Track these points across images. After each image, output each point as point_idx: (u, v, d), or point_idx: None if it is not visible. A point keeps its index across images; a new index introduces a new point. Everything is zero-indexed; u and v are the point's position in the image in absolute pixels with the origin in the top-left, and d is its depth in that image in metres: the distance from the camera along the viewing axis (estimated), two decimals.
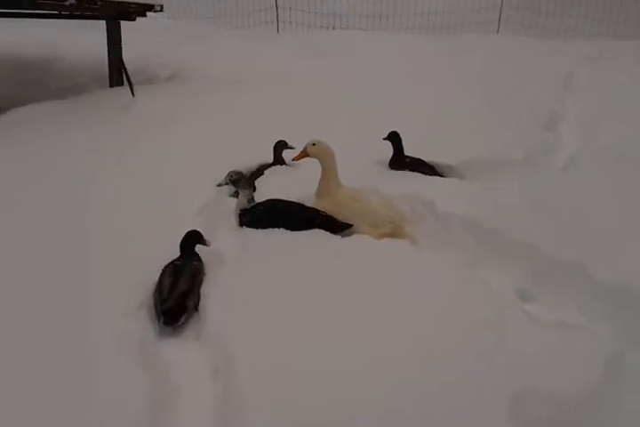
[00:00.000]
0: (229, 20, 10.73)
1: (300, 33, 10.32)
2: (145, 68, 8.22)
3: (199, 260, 3.16)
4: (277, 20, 10.60)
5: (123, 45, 7.26)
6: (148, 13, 7.12)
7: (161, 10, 7.20)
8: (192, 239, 3.18)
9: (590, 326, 2.74)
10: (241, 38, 9.85)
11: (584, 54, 7.42)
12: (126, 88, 6.80)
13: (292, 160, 3.89)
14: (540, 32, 8.82)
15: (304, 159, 3.79)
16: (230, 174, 3.64)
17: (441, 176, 4.26)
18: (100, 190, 3.95)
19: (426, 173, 4.23)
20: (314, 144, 3.73)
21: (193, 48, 9.16)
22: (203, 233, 3.26)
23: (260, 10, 10.53)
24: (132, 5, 6.66)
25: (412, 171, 4.26)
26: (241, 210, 3.69)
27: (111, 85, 7.41)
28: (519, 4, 9.57)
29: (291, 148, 4.45)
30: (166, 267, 3.02)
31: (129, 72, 7.30)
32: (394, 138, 4.39)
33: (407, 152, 4.39)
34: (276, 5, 10.36)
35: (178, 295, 2.80)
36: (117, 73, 7.42)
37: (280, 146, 4.52)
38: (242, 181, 3.64)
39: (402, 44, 8.51)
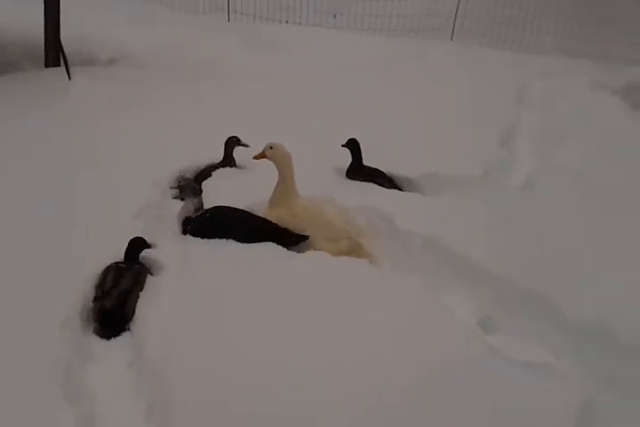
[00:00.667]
0: (176, 2, 10.17)
1: (251, 24, 9.92)
2: (83, 48, 7.64)
3: (142, 265, 2.96)
4: (228, 9, 10.14)
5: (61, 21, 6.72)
6: None
7: None
8: (138, 246, 2.96)
9: (558, 363, 2.60)
10: (188, 24, 9.37)
11: (537, 69, 7.41)
12: (63, 69, 6.29)
13: (253, 158, 3.51)
14: (494, 42, 8.75)
15: (261, 160, 3.49)
16: (179, 180, 3.32)
17: (399, 189, 4.06)
18: (22, 185, 3.55)
19: (383, 185, 4.02)
20: (271, 147, 3.45)
21: (136, 31, 8.61)
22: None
23: None
24: None
25: (369, 182, 4.04)
26: (185, 217, 3.38)
27: (47, 65, 6.86)
28: (474, 12, 9.50)
29: (244, 145, 4.03)
30: (108, 268, 2.83)
31: (66, 52, 6.78)
32: (353, 145, 4.14)
33: (365, 161, 4.16)
34: None
35: (118, 295, 2.67)
36: (54, 52, 6.86)
37: (231, 142, 4.05)
38: (189, 188, 3.33)
39: (357, 45, 8.27)
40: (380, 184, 4.04)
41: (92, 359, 2.44)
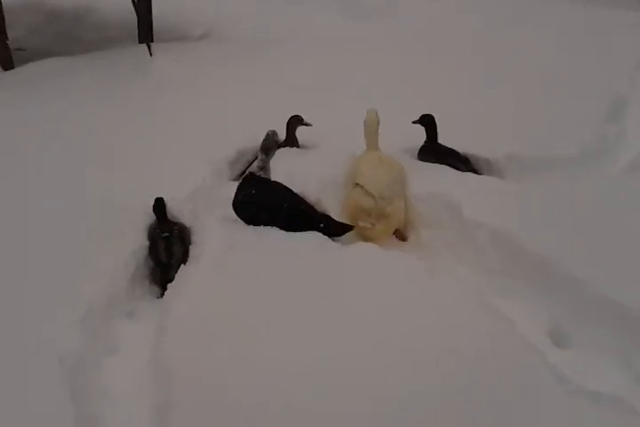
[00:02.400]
0: None
1: None
2: (176, 23, 7.68)
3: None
4: None
5: None
6: None
7: None
8: (163, 206, 3.11)
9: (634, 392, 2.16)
10: None
11: None
12: (153, 45, 6.32)
13: None
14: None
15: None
16: (269, 133, 3.09)
17: (476, 172, 3.62)
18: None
19: (458, 168, 3.59)
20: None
21: (231, 2, 8.49)
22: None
23: None
24: None
25: (444, 163, 3.63)
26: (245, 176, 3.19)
27: (140, 42, 6.93)
28: None
29: (307, 124, 3.78)
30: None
31: (159, 28, 6.83)
32: (427, 122, 3.73)
33: (440, 140, 3.74)
34: None
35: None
36: (145, 28, 6.92)
37: (294, 122, 3.81)
38: (271, 149, 3.09)
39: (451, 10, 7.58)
40: (454, 167, 3.62)
41: (110, 353, 2.35)
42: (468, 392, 2.08)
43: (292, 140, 3.85)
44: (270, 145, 3.08)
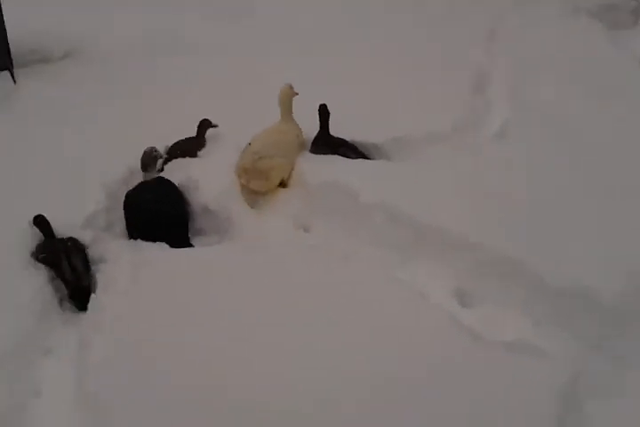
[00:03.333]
0: None
1: None
2: (37, 46, 7.32)
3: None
4: None
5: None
6: None
7: None
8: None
9: (540, 335, 2.40)
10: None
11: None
12: (15, 70, 6.01)
13: None
14: None
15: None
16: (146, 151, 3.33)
17: (366, 158, 3.79)
18: None
19: (348, 156, 3.74)
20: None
21: (92, 19, 8.20)
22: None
23: None
24: None
25: (335, 153, 3.76)
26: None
27: None
28: None
29: (214, 126, 3.91)
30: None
31: (17, 52, 6.48)
32: (322, 112, 3.79)
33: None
34: None
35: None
36: (4, 53, 6.57)
37: (205, 125, 3.91)
38: (149, 165, 3.34)
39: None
40: (345, 155, 3.77)
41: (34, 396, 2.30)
42: (393, 367, 2.23)
43: (202, 142, 3.92)
44: (148, 162, 3.32)
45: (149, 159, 3.32)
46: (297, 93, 3.65)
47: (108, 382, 2.25)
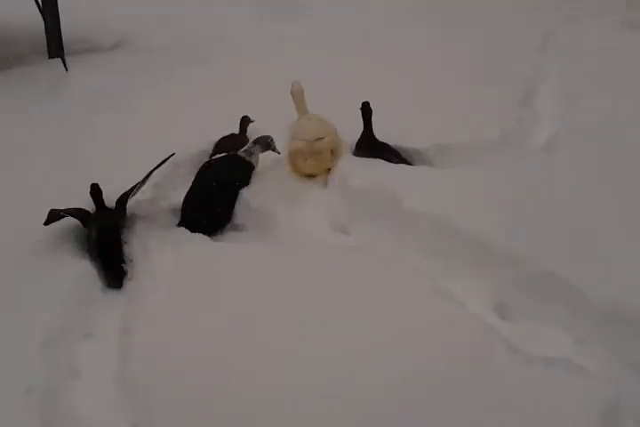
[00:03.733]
0: None
1: None
2: (87, 34, 7.48)
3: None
4: None
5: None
6: None
7: None
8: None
9: (581, 353, 2.36)
10: None
11: (564, 11, 6.86)
12: (67, 58, 6.15)
13: None
14: None
15: None
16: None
17: (408, 163, 3.78)
18: None
19: (390, 160, 3.73)
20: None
21: (141, 8, 8.34)
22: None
23: None
24: None
25: (376, 157, 3.76)
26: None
27: (50, 56, 6.72)
28: None
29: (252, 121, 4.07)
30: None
31: (69, 40, 6.64)
32: (365, 110, 3.78)
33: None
34: None
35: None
36: (55, 42, 6.72)
37: (245, 121, 4.03)
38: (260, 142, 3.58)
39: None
40: (387, 159, 3.76)
41: (75, 378, 2.34)
42: (431, 376, 2.21)
43: (246, 139, 3.96)
44: (263, 141, 3.57)
45: (264, 141, 3.59)
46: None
47: (148, 365, 2.28)
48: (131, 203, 3.29)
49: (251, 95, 4.61)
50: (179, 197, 3.47)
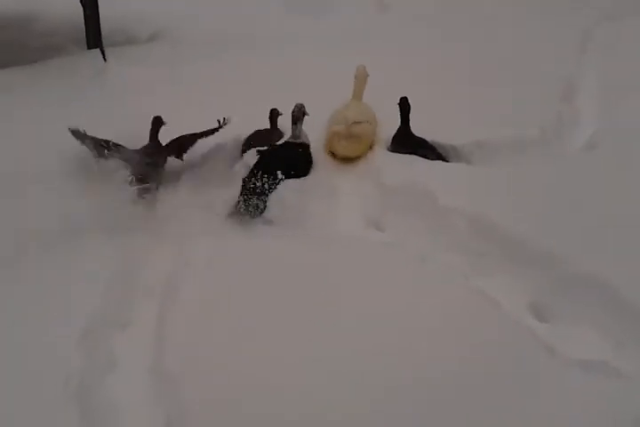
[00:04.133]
0: None
1: None
2: (125, 26, 7.55)
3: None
4: None
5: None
6: None
7: None
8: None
9: (617, 357, 2.32)
10: None
11: (603, 10, 6.70)
12: (105, 49, 6.23)
13: None
14: None
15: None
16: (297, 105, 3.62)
17: (444, 160, 3.74)
18: None
19: (426, 157, 3.70)
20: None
21: (180, 3, 8.39)
22: None
23: None
24: None
25: (412, 153, 3.73)
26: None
27: (89, 47, 6.81)
28: None
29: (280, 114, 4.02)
30: None
31: (107, 32, 6.71)
32: (403, 106, 3.79)
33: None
34: None
35: None
36: (93, 33, 6.80)
37: (275, 114, 4.01)
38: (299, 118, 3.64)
39: None
40: (423, 155, 3.73)
41: (112, 367, 2.37)
42: (466, 374, 2.20)
43: (280, 132, 3.98)
44: (298, 115, 3.61)
45: (299, 113, 3.62)
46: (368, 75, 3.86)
47: (182, 358, 2.31)
48: None
49: (280, 89, 4.61)
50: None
